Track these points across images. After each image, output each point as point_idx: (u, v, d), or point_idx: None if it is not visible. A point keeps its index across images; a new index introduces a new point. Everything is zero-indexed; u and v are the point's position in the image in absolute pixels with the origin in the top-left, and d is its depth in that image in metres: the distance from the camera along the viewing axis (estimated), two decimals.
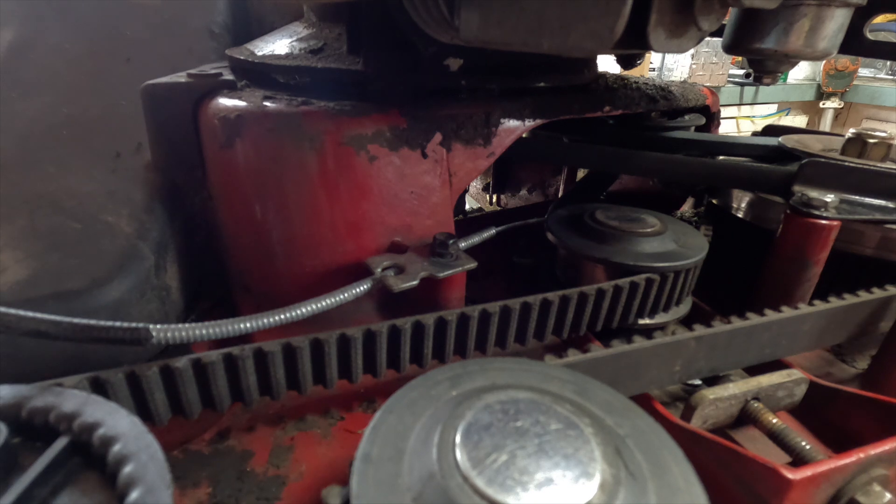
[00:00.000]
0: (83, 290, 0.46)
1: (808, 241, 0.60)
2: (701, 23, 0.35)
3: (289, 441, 0.49)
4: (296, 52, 0.63)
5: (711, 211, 0.87)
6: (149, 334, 0.37)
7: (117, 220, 0.54)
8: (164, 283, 0.55)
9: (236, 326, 0.42)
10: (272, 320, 0.43)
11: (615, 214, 0.64)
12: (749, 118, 4.57)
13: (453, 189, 0.61)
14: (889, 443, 0.40)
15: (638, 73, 2.36)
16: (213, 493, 0.43)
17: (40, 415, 0.27)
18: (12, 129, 0.64)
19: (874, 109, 4.67)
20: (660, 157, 0.74)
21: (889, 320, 0.60)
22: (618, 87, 0.76)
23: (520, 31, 0.36)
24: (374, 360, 0.48)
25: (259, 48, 0.68)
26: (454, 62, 0.59)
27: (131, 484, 0.24)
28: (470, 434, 0.27)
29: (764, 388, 0.48)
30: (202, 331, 0.40)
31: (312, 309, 0.46)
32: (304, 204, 0.56)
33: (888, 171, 0.62)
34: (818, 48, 0.49)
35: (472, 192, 1.34)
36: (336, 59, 0.61)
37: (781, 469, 0.38)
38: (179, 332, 0.39)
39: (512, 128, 0.63)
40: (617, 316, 0.57)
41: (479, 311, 0.49)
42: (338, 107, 0.56)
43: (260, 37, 0.73)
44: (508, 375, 0.34)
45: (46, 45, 0.73)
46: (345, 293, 0.48)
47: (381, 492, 0.25)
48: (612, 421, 0.31)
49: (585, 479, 0.25)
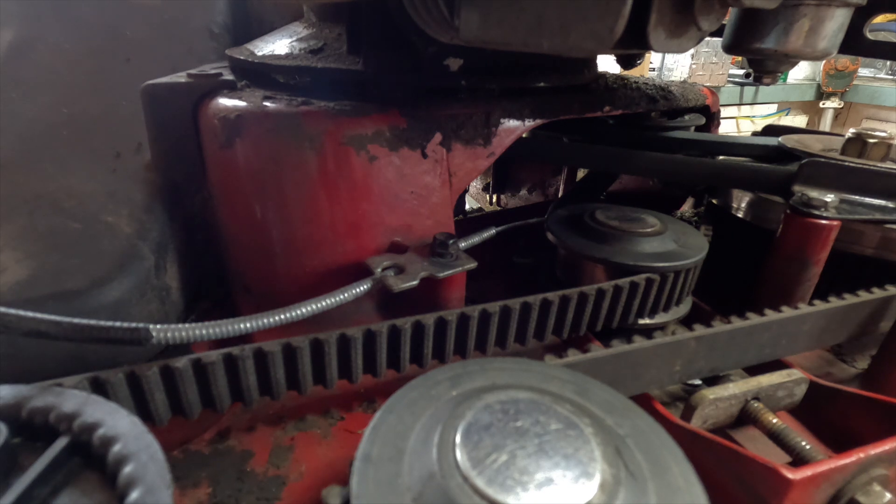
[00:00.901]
0: (83, 290, 0.46)
1: (808, 241, 0.60)
2: (701, 23, 0.35)
3: (289, 441, 0.49)
4: (296, 52, 0.63)
5: (711, 211, 0.87)
6: (149, 334, 0.37)
7: (117, 220, 0.54)
8: (164, 283, 0.55)
9: (236, 326, 0.42)
10: (272, 320, 0.43)
11: (615, 214, 0.64)
12: (749, 118, 4.57)
13: (453, 189, 0.61)
14: (889, 443, 0.40)
15: (638, 73, 2.36)
16: (213, 493, 0.43)
17: (40, 415, 0.28)
18: (12, 129, 0.64)
19: (874, 109, 4.67)
20: (660, 157, 0.74)
21: (889, 320, 0.60)
22: (618, 87, 0.76)
23: (520, 31, 0.36)
24: (374, 360, 0.48)
25: (259, 48, 0.68)
26: (454, 62, 0.59)
27: (131, 484, 0.24)
28: (470, 434, 0.27)
29: (764, 388, 0.48)
30: (202, 331, 0.40)
31: (312, 309, 0.46)
32: (304, 204, 0.56)
33: (888, 171, 0.62)
34: (818, 48, 0.49)
35: (472, 192, 1.34)
36: (336, 59, 0.61)
37: (781, 469, 0.38)
38: (179, 332, 0.39)
39: (512, 128, 0.63)
40: (617, 316, 0.57)
41: (479, 311, 0.49)
42: (338, 107, 0.56)
43: (260, 37, 0.73)
44: (508, 375, 0.34)
45: (46, 45, 0.73)
46: (345, 293, 0.48)
47: (381, 492, 0.25)
48: (612, 421, 0.31)
49: (585, 479, 0.25)
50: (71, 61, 0.72)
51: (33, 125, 0.65)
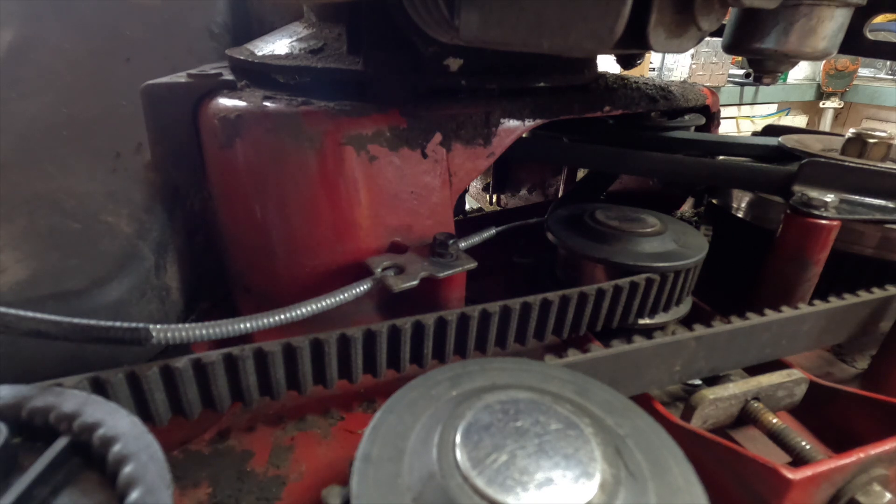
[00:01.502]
0: (83, 291, 0.46)
1: (808, 241, 0.60)
2: (701, 23, 0.35)
3: (289, 441, 0.49)
4: (296, 52, 0.63)
5: (711, 211, 0.87)
6: (149, 334, 0.37)
7: (117, 220, 0.54)
8: (164, 283, 0.55)
9: (236, 326, 0.42)
10: (272, 320, 0.43)
11: (615, 214, 0.64)
12: (749, 118, 4.57)
13: (453, 189, 0.61)
14: (889, 443, 0.40)
15: (638, 73, 2.36)
16: (213, 493, 0.43)
17: (40, 415, 0.27)
18: (12, 129, 0.64)
19: (874, 109, 4.67)
20: (660, 157, 0.74)
21: (889, 320, 0.60)
22: (618, 87, 0.76)
23: (520, 31, 0.36)
24: (374, 360, 0.48)
25: (259, 48, 0.68)
26: (454, 62, 0.59)
27: (131, 484, 0.24)
28: (470, 434, 0.27)
29: (764, 388, 0.48)
30: (202, 331, 0.40)
31: (312, 309, 0.46)
32: (304, 204, 0.56)
33: (888, 171, 0.62)
34: (818, 48, 0.49)
35: (472, 192, 1.34)
36: (336, 59, 0.61)
37: (781, 469, 0.38)
38: (179, 332, 0.39)
39: (512, 128, 0.63)
40: (617, 316, 0.57)
41: (479, 311, 0.49)
42: (338, 107, 0.56)
43: (260, 37, 0.73)
44: (508, 375, 0.34)
45: (46, 45, 0.73)
46: (345, 293, 0.48)
47: (381, 492, 0.25)
48: (612, 421, 0.31)
49: (585, 479, 0.25)
50: (71, 61, 0.72)
51: (33, 125, 0.65)
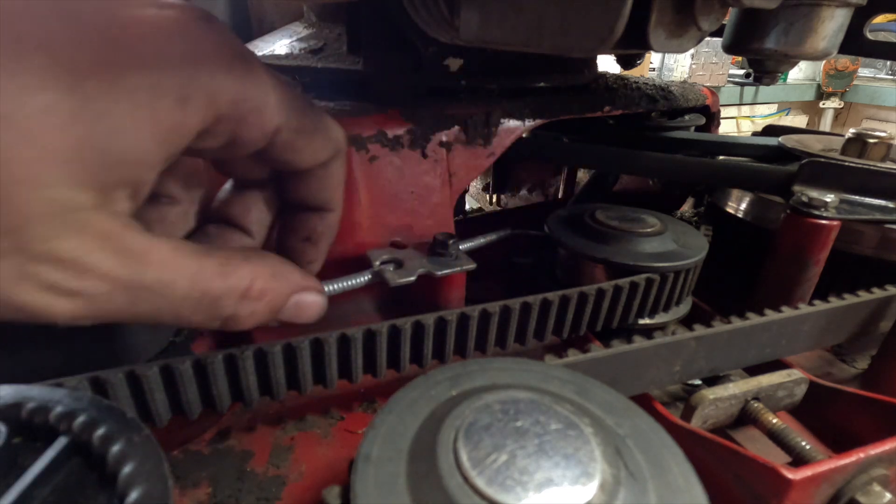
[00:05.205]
0: None
1: (808, 241, 0.60)
2: (701, 23, 0.35)
3: (289, 441, 0.49)
4: (296, 52, 0.63)
5: (711, 211, 0.87)
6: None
7: None
8: None
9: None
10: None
11: (615, 214, 0.64)
12: (749, 118, 4.57)
13: (453, 189, 0.61)
14: (889, 443, 0.40)
15: (638, 73, 2.36)
16: (213, 493, 0.43)
17: (40, 415, 0.27)
18: None
19: (874, 109, 4.67)
20: (660, 157, 0.74)
21: (889, 320, 0.60)
22: (618, 87, 0.76)
23: (520, 31, 0.36)
24: (374, 360, 0.48)
25: (259, 48, 0.68)
26: (454, 62, 0.59)
27: (131, 484, 0.24)
28: (470, 434, 0.27)
29: (764, 388, 0.48)
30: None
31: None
32: None
33: (888, 171, 0.62)
34: (818, 48, 0.49)
35: (472, 192, 1.34)
36: (336, 59, 0.61)
37: (781, 469, 0.38)
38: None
39: (512, 128, 0.63)
40: (617, 316, 0.57)
41: (479, 311, 0.49)
42: (338, 107, 0.56)
43: (260, 37, 0.73)
44: (508, 375, 0.34)
45: None
46: (347, 281, 0.48)
47: (381, 492, 0.25)
48: (612, 421, 0.31)
49: (585, 479, 0.25)
50: None
51: None
